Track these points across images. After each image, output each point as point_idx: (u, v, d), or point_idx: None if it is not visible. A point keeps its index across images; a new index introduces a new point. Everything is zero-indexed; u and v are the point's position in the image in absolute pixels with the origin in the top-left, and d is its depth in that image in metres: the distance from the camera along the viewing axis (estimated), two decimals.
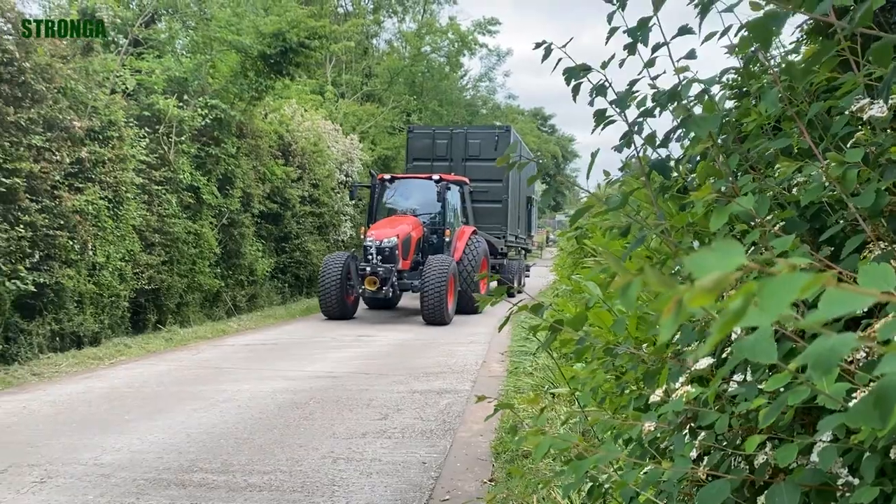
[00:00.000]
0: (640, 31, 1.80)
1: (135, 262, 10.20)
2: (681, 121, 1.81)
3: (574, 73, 1.92)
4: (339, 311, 12.58)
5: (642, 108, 1.87)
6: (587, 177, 1.94)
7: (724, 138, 1.84)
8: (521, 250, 19.82)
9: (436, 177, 13.79)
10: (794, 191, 1.62)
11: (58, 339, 8.80)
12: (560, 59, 1.97)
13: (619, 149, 1.93)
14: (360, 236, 14.08)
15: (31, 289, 7.92)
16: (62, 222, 8.55)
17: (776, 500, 1.20)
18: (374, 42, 35.74)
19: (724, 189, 1.62)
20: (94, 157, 9.19)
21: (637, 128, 1.88)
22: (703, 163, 1.83)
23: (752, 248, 1.52)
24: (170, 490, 4.17)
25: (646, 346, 2.16)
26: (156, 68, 11.52)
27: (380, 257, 12.47)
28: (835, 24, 1.23)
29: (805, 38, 2.52)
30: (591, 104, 1.94)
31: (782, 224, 1.55)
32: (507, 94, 63.83)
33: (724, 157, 1.72)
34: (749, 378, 1.48)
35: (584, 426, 3.92)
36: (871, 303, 0.50)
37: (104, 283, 9.44)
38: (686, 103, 1.79)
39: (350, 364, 8.48)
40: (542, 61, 1.99)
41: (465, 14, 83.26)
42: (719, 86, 2.03)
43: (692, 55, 1.82)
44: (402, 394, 6.86)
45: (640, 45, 1.83)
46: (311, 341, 10.47)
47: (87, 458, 4.73)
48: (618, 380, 2.16)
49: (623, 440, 1.92)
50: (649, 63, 1.86)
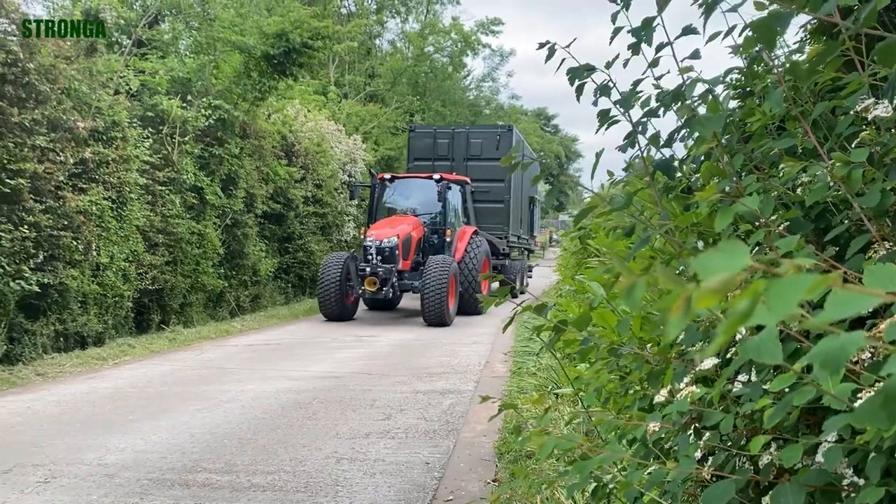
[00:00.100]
0: (644, 31, 1.80)
1: (138, 263, 10.22)
2: (685, 121, 1.80)
3: (578, 73, 1.91)
4: (338, 312, 12.48)
5: (646, 109, 1.87)
6: (591, 177, 1.94)
7: (728, 138, 1.83)
8: (523, 251, 19.75)
9: (436, 176, 13.64)
10: (799, 191, 1.62)
11: (62, 339, 8.82)
12: (564, 60, 1.97)
13: (622, 149, 1.93)
14: (360, 236, 14.02)
15: (36, 289, 7.94)
16: (66, 223, 8.57)
17: (781, 500, 1.20)
18: (378, 42, 35.79)
19: (729, 189, 1.62)
20: (97, 158, 9.22)
21: (641, 128, 1.87)
22: (707, 163, 1.83)
23: (756, 248, 1.52)
24: (173, 490, 4.18)
25: (650, 346, 2.16)
26: (159, 69, 11.55)
27: (380, 258, 12.35)
28: (839, 24, 1.22)
29: (809, 38, 2.52)
30: (595, 104, 1.94)
31: (787, 224, 1.54)
32: (511, 95, 63.81)
33: (729, 157, 1.71)
34: (754, 378, 1.48)
35: (588, 426, 3.91)
36: (878, 303, 0.50)
37: (108, 283, 9.47)
38: (690, 103, 1.79)
39: (353, 364, 8.49)
40: (546, 61, 1.98)
41: (468, 14, 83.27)
42: (723, 86, 2.03)
43: (696, 55, 1.82)
44: (406, 394, 6.87)
45: (644, 45, 1.83)
46: (314, 341, 10.47)
47: (91, 458, 4.74)
48: (622, 380, 2.16)
49: (627, 440, 1.91)
50: (653, 63, 1.86)
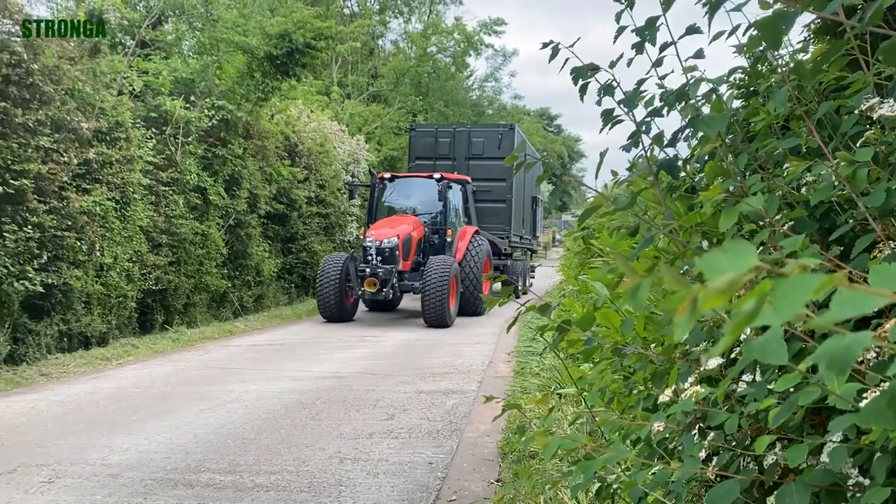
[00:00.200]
0: (647, 31, 1.80)
1: (142, 263, 10.24)
2: (689, 120, 1.80)
3: (582, 72, 1.91)
4: (337, 313, 12.34)
5: (650, 108, 1.87)
6: (595, 176, 1.93)
7: (732, 138, 1.83)
8: (525, 251, 19.70)
9: (437, 175, 13.47)
10: (804, 190, 1.61)
11: (66, 339, 8.84)
12: (567, 59, 1.97)
13: (626, 148, 1.93)
14: (360, 236, 13.91)
15: (40, 289, 7.96)
16: (70, 223, 8.59)
17: (786, 500, 1.20)
18: (380, 43, 35.81)
19: (733, 189, 1.61)
20: (101, 159, 9.23)
21: (645, 127, 1.87)
22: (711, 162, 1.82)
23: (761, 247, 1.52)
24: (177, 490, 4.19)
25: (654, 346, 2.16)
26: (163, 69, 11.56)
27: (380, 258, 12.20)
28: (844, 23, 1.22)
29: (812, 38, 2.51)
30: (599, 104, 1.94)
31: (791, 224, 1.54)
32: (513, 95, 63.78)
33: (733, 157, 1.71)
34: (758, 378, 1.48)
35: (592, 426, 3.91)
36: (885, 303, 0.50)
37: (112, 283, 9.48)
38: (694, 103, 1.78)
39: (356, 364, 8.49)
40: (550, 61, 1.99)
41: (470, 14, 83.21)
42: (727, 85, 2.03)
43: (700, 55, 1.82)
44: (409, 394, 6.87)
45: (648, 45, 1.83)
46: (317, 342, 10.48)
47: (95, 459, 4.75)
48: (626, 380, 2.16)
49: (631, 440, 1.91)
50: (657, 62, 1.86)
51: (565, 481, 2.31)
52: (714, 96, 1.81)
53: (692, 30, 1.77)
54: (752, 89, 2.09)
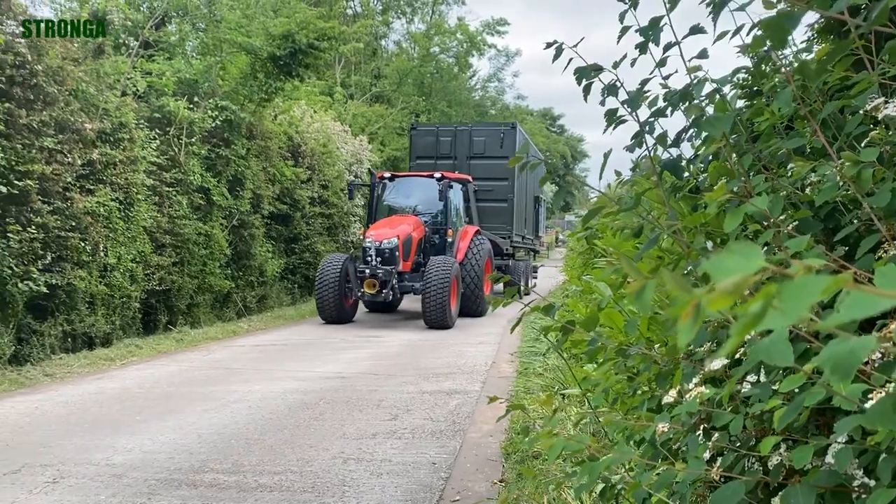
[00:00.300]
0: (651, 31, 1.80)
1: (146, 264, 10.26)
2: (693, 120, 1.80)
3: (585, 72, 1.91)
4: (336, 314, 12.21)
5: (654, 108, 1.86)
6: (599, 177, 1.93)
7: (736, 138, 1.83)
8: (528, 251, 19.64)
9: (437, 175, 13.26)
10: (808, 190, 1.61)
11: (69, 339, 8.86)
12: (571, 59, 1.97)
13: (630, 149, 1.93)
14: (360, 237, 13.83)
15: (44, 290, 7.98)
16: (74, 224, 8.61)
17: (791, 501, 1.19)
18: (383, 43, 35.86)
19: (737, 189, 1.61)
20: (105, 159, 9.26)
21: (648, 127, 1.87)
22: (715, 163, 1.82)
23: (765, 248, 1.51)
24: (181, 490, 4.19)
25: (658, 346, 2.15)
26: (166, 70, 11.59)
27: (379, 259, 12.03)
28: (849, 23, 1.22)
29: (816, 38, 2.51)
30: (603, 104, 1.94)
31: (796, 224, 1.54)
32: (517, 95, 63.96)
33: (737, 157, 1.71)
34: (763, 379, 1.47)
35: (596, 427, 3.91)
36: (893, 305, 0.50)
37: (115, 284, 9.51)
38: (698, 103, 1.78)
39: (359, 365, 8.50)
40: (553, 61, 1.98)
41: (473, 14, 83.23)
42: (731, 85, 2.02)
43: (704, 54, 1.82)
44: (412, 394, 6.87)
45: (652, 45, 1.82)
46: (321, 342, 10.49)
47: (99, 459, 4.76)
48: (630, 381, 2.15)
49: (636, 441, 1.91)
50: (661, 62, 1.86)
51: (569, 482, 2.30)
52: (718, 96, 1.81)
53: (696, 30, 1.77)
54: (756, 89, 2.09)
